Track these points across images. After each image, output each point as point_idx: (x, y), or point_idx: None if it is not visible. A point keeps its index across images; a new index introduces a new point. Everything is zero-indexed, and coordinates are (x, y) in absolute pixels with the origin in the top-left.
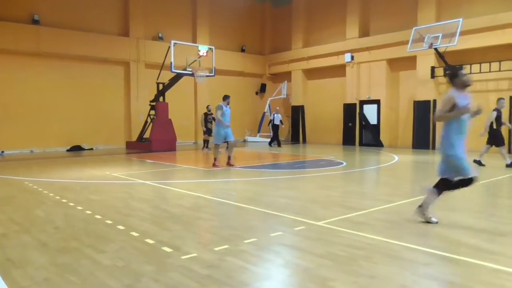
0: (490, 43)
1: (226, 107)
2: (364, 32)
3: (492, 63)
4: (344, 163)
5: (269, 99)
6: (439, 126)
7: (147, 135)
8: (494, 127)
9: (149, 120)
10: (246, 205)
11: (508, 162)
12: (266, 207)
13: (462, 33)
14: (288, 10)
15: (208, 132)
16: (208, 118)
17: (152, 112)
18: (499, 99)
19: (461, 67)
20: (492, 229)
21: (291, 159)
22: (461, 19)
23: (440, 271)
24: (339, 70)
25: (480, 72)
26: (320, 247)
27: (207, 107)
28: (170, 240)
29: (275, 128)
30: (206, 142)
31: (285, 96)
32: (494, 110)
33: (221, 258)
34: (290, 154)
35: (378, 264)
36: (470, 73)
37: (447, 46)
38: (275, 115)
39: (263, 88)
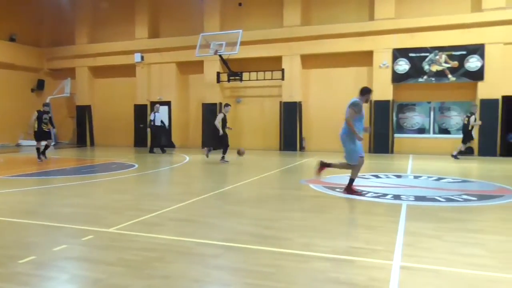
0: (264, 54)
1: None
2: (154, 34)
3: (266, 72)
4: (136, 165)
5: (49, 97)
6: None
7: None
8: (469, 128)
9: None
10: (22, 219)
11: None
12: (47, 219)
13: (243, 43)
14: (71, 0)
15: (44, 136)
16: (44, 118)
17: None
18: (473, 105)
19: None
20: (268, 217)
21: (78, 164)
22: (240, 31)
23: (229, 261)
24: (129, 70)
25: (257, 80)
26: (112, 255)
27: (44, 104)
28: None
29: (157, 130)
30: (39, 150)
31: (68, 95)
32: (470, 114)
33: None
34: (77, 159)
35: (171, 263)
36: (249, 79)
37: (229, 54)
38: (156, 114)
39: (40, 84)
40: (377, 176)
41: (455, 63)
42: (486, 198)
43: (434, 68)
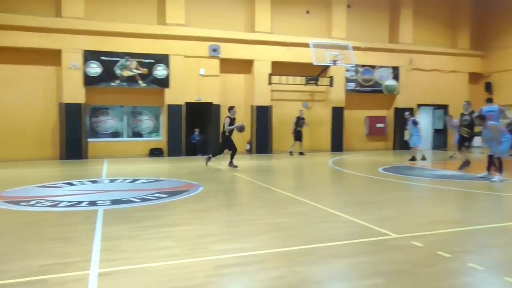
0: None
1: None
2: None
3: None
4: None
5: None
6: None
7: None
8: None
9: None
10: None
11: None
12: None
13: None
14: None
15: None
16: None
17: None
18: (300, 110)
19: None
20: None
21: None
22: None
23: None
24: None
25: None
26: None
27: None
28: None
29: None
30: None
31: None
32: (296, 117)
33: None
34: None
35: None
36: None
37: None
38: None
39: None
40: (70, 184)
41: (145, 70)
42: (176, 194)
43: (126, 73)
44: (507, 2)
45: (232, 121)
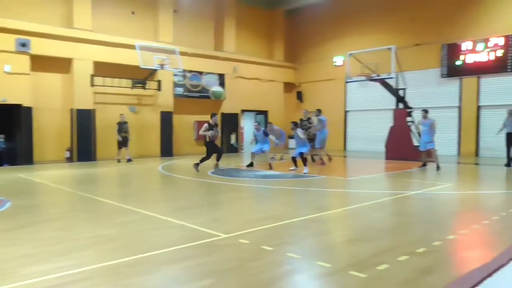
0: None
1: None
2: None
3: None
4: None
5: None
6: None
7: None
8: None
9: None
10: None
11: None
12: None
13: None
14: None
15: None
16: None
17: None
18: (121, 115)
19: None
20: None
21: None
22: None
23: None
24: None
25: None
26: None
27: None
28: None
29: None
30: None
31: None
32: (117, 123)
33: None
34: None
35: None
36: None
37: None
38: None
39: None
40: None
41: None
42: None
43: None
44: (310, 24)
45: (211, 127)
